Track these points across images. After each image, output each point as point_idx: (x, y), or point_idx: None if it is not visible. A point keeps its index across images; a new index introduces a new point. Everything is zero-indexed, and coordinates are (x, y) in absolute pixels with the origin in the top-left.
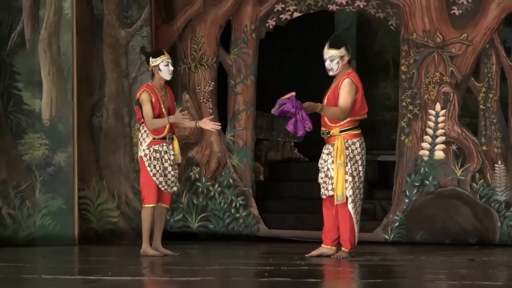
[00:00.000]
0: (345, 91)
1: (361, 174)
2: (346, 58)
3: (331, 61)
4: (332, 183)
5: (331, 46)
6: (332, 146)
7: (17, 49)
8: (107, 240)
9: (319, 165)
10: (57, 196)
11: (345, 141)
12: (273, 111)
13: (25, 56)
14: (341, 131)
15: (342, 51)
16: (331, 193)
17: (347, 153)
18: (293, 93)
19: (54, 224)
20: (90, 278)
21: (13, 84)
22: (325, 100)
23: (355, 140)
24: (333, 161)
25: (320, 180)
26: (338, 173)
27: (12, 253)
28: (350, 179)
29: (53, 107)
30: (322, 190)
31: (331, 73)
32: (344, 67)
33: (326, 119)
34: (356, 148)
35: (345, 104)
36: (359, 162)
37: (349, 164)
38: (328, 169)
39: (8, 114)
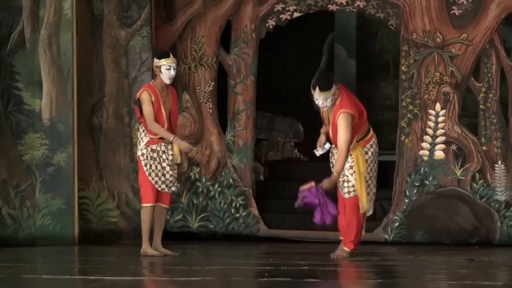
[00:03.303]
0: (342, 128)
1: (375, 173)
2: (337, 91)
3: (325, 100)
4: (348, 187)
5: (323, 89)
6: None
7: (17, 49)
8: (107, 240)
9: (333, 159)
10: (57, 196)
11: (363, 147)
12: (296, 205)
13: (25, 56)
14: (357, 141)
15: (333, 88)
16: (346, 196)
17: (366, 158)
18: (312, 183)
19: (54, 224)
20: (90, 278)
21: (13, 84)
22: (330, 133)
23: (371, 142)
24: (350, 166)
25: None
26: (361, 183)
27: (12, 253)
28: (369, 182)
29: (53, 107)
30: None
31: (325, 109)
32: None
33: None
34: (373, 149)
35: (345, 142)
36: (374, 160)
37: (368, 169)
38: (344, 174)
39: (8, 114)
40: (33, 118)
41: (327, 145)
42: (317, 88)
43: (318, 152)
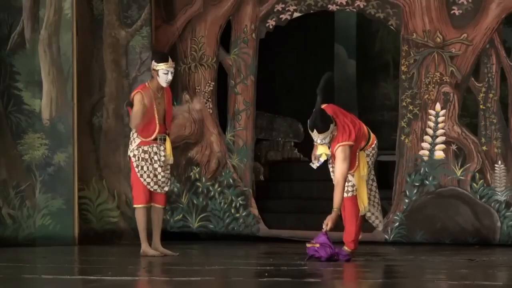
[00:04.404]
0: (339, 160)
1: (372, 174)
2: (335, 127)
3: (324, 139)
4: (347, 186)
5: (321, 131)
6: None
7: (17, 49)
8: (107, 240)
9: (331, 168)
10: (57, 196)
11: (365, 151)
12: (306, 260)
13: (25, 56)
14: (361, 149)
15: (331, 127)
16: (344, 195)
17: (367, 160)
18: (316, 244)
19: (54, 224)
20: (90, 278)
21: (13, 84)
22: (332, 159)
23: (373, 145)
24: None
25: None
26: (361, 186)
27: (12, 253)
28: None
29: (53, 107)
30: None
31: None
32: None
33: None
34: (374, 151)
35: (341, 174)
36: (373, 161)
37: (368, 170)
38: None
39: (8, 114)
40: (33, 118)
41: (322, 157)
42: (315, 131)
43: (314, 165)
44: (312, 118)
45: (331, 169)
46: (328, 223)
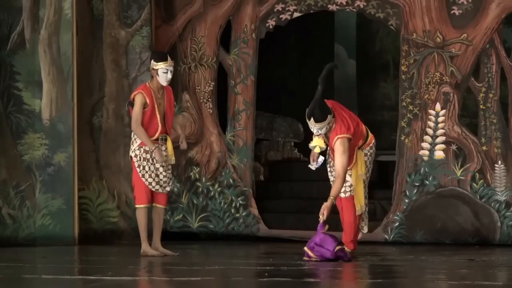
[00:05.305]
0: (339, 153)
1: (369, 173)
2: (332, 119)
3: (320, 129)
4: (345, 186)
5: (318, 121)
6: None
7: (17, 49)
8: (107, 240)
9: (329, 168)
10: (57, 196)
11: (363, 150)
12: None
13: (25, 56)
14: (359, 148)
15: (328, 118)
16: (342, 195)
17: (365, 159)
18: (317, 258)
19: (54, 224)
20: (90, 278)
21: (13, 84)
22: (330, 153)
23: (371, 144)
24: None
25: (332, 179)
26: (358, 185)
27: (12, 253)
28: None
29: (53, 107)
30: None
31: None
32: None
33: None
34: (372, 150)
35: (342, 167)
36: (371, 161)
37: (365, 169)
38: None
39: (8, 114)
40: (33, 118)
41: (321, 159)
42: (312, 119)
43: (313, 166)
44: (310, 106)
45: (329, 169)
46: (324, 212)
